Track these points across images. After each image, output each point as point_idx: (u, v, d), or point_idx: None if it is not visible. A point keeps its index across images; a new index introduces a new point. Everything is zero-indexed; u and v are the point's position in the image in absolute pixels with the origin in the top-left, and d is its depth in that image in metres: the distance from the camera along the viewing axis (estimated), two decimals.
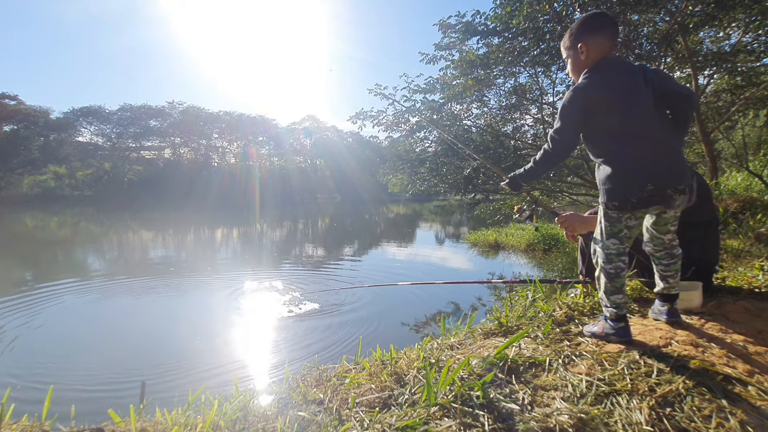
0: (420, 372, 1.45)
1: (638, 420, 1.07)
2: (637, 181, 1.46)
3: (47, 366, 3.37)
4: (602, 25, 1.56)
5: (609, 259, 1.55)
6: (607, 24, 1.57)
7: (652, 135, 1.47)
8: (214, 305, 4.91)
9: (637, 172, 1.47)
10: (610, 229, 1.54)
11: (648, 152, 1.47)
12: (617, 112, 1.47)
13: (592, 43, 1.55)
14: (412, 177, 9.19)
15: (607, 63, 1.54)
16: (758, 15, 5.29)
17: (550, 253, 8.17)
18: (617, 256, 1.54)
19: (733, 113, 7.52)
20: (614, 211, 1.52)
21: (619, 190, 1.48)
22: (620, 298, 1.54)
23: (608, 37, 1.55)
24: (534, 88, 8.23)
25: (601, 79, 1.50)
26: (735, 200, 5.40)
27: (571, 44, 1.62)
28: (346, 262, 8.51)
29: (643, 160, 1.47)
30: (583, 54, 1.57)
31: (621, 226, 1.53)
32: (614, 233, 1.54)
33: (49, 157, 36.11)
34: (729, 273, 2.58)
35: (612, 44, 1.56)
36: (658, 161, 1.47)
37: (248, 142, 44.52)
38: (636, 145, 1.47)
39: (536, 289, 2.30)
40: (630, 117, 1.47)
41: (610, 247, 1.55)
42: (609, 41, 1.55)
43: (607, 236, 1.56)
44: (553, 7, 5.74)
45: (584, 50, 1.56)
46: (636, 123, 1.47)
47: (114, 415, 1.49)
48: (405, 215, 25.38)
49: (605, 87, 1.49)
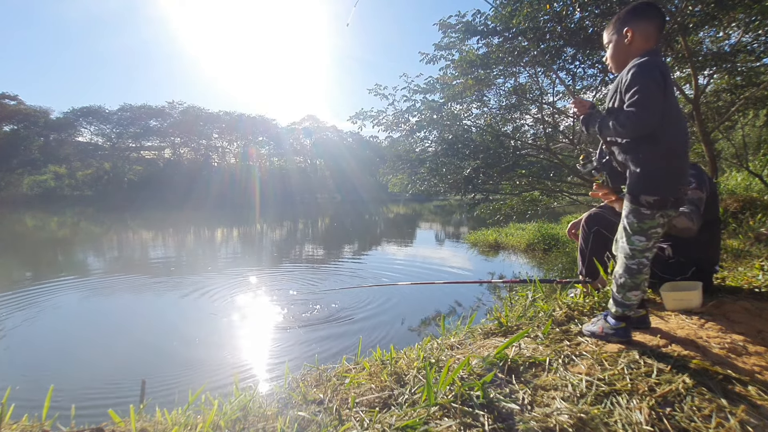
0: (420, 372, 1.45)
1: (638, 420, 1.07)
2: (679, 179, 1.42)
3: (47, 366, 3.37)
4: (651, 14, 1.50)
5: (633, 254, 1.48)
6: (656, 15, 1.50)
7: (686, 136, 1.46)
8: (214, 305, 4.91)
9: (678, 169, 1.43)
10: (639, 226, 1.45)
11: (687, 151, 1.45)
12: (670, 101, 1.40)
13: (638, 30, 1.49)
14: (412, 177, 9.18)
15: (656, 53, 1.47)
16: (758, 15, 5.29)
17: (550, 253, 8.17)
18: (641, 253, 1.47)
19: (733, 113, 7.52)
20: (647, 209, 1.42)
21: (663, 184, 1.40)
22: (637, 295, 1.50)
23: (655, 27, 1.49)
24: (534, 88, 8.23)
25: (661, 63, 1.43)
26: (735, 200, 5.40)
27: (616, 29, 1.55)
28: (346, 262, 8.51)
29: (685, 160, 1.44)
30: (627, 39, 1.50)
31: (653, 223, 1.43)
32: (643, 230, 1.45)
33: (49, 157, 36.10)
34: (729, 273, 2.58)
35: (658, 36, 1.50)
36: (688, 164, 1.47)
37: (248, 142, 44.51)
38: (680, 141, 1.43)
39: (536, 289, 2.30)
40: (676, 111, 1.43)
41: (635, 243, 1.47)
42: (656, 32, 1.49)
43: (633, 233, 1.47)
44: (553, 7, 5.74)
45: (629, 35, 1.50)
46: (679, 120, 1.43)
47: (114, 415, 1.49)
48: (405, 215, 25.38)
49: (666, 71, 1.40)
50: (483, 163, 7.52)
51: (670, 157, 1.41)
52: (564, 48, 6.44)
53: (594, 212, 2.36)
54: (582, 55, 6.59)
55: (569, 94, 1.74)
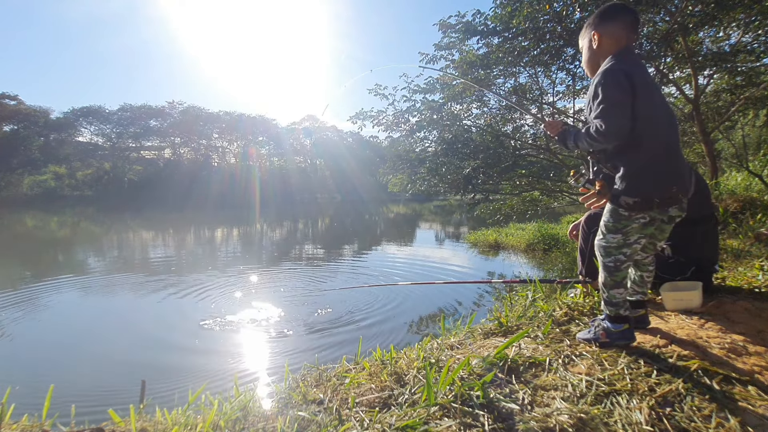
0: (420, 372, 1.45)
1: (638, 420, 1.07)
2: (666, 179, 1.41)
3: (47, 366, 3.37)
4: (619, 16, 1.48)
5: (607, 252, 1.49)
6: (623, 14, 1.48)
7: (673, 135, 1.44)
8: (214, 305, 4.91)
9: (666, 169, 1.41)
10: (614, 225, 1.46)
11: (675, 150, 1.44)
12: (646, 101, 1.39)
13: (605, 33, 1.49)
14: (411, 177, 9.19)
15: (628, 52, 1.46)
16: (758, 15, 5.30)
17: (550, 253, 8.17)
18: (617, 249, 1.47)
19: (733, 113, 7.52)
20: (626, 210, 1.42)
21: (645, 185, 1.40)
22: (621, 292, 1.48)
23: (623, 27, 1.47)
24: (534, 88, 8.24)
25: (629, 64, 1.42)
26: (735, 200, 5.39)
27: (585, 34, 1.57)
28: (346, 262, 8.51)
29: (672, 159, 1.42)
30: (595, 43, 1.51)
31: (629, 224, 1.44)
32: (618, 230, 1.46)
33: (49, 157, 36.10)
34: (729, 273, 2.58)
35: (629, 35, 1.48)
36: (682, 162, 1.44)
37: (248, 142, 44.50)
38: (664, 142, 1.42)
39: (536, 289, 2.30)
40: (656, 110, 1.41)
41: (611, 240, 1.48)
42: (625, 32, 1.47)
43: (608, 231, 1.49)
44: (553, 7, 5.74)
45: (596, 39, 1.50)
46: (660, 119, 1.41)
47: (114, 415, 1.49)
48: (405, 215, 25.37)
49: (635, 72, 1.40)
50: (483, 163, 7.53)
51: (651, 158, 1.40)
52: (564, 48, 6.45)
53: (594, 212, 2.36)
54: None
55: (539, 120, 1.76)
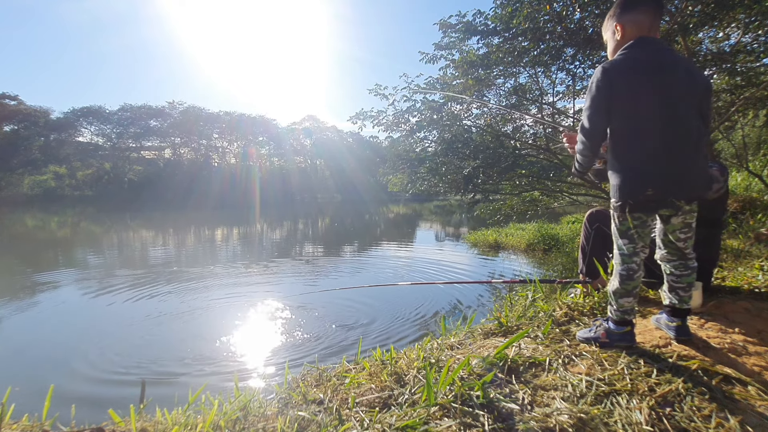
0: (420, 372, 1.45)
1: (638, 420, 1.07)
2: (637, 183, 1.38)
3: (47, 366, 3.37)
4: (638, 4, 1.43)
5: (622, 260, 1.47)
6: (644, 2, 1.43)
7: (670, 134, 1.36)
8: (214, 305, 4.91)
9: (639, 173, 1.38)
10: (619, 227, 1.48)
11: (669, 150, 1.35)
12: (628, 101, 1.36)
13: (628, 23, 1.43)
14: (411, 177, 9.18)
15: (643, 42, 1.40)
16: (758, 15, 5.29)
17: (550, 253, 8.16)
18: (629, 257, 1.45)
19: (733, 113, 7.51)
20: (615, 211, 1.47)
21: (622, 189, 1.41)
22: (629, 302, 1.46)
23: (645, 13, 1.42)
24: (534, 89, 8.23)
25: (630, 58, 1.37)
26: (735, 200, 5.40)
27: (608, 26, 1.53)
28: (347, 262, 8.51)
29: (660, 160, 1.36)
30: (618, 34, 1.46)
31: (628, 224, 1.44)
32: (623, 232, 1.47)
33: (49, 157, 36.10)
34: (729, 273, 2.58)
35: (652, 22, 1.43)
36: (678, 162, 1.36)
37: (248, 142, 44.51)
38: (651, 142, 1.36)
39: (536, 289, 2.30)
40: (643, 109, 1.36)
41: (622, 247, 1.47)
42: (648, 18, 1.42)
43: (618, 235, 1.49)
44: (553, 7, 5.74)
45: (619, 30, 1.46)
46: (648, 120, 1.36)
47: (114, 415, 1.49)
48: (405, 215, 25.36)
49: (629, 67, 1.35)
50: (483, 163, 7.52)
51: (631, 159, 1.39)
52: (564, 48, 6.44)
53: (596, 210, 2.38)
54: (582, 55, 6.59)
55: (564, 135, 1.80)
